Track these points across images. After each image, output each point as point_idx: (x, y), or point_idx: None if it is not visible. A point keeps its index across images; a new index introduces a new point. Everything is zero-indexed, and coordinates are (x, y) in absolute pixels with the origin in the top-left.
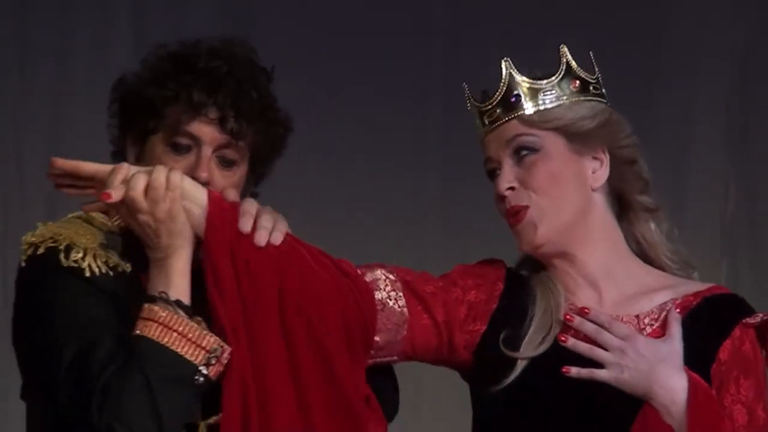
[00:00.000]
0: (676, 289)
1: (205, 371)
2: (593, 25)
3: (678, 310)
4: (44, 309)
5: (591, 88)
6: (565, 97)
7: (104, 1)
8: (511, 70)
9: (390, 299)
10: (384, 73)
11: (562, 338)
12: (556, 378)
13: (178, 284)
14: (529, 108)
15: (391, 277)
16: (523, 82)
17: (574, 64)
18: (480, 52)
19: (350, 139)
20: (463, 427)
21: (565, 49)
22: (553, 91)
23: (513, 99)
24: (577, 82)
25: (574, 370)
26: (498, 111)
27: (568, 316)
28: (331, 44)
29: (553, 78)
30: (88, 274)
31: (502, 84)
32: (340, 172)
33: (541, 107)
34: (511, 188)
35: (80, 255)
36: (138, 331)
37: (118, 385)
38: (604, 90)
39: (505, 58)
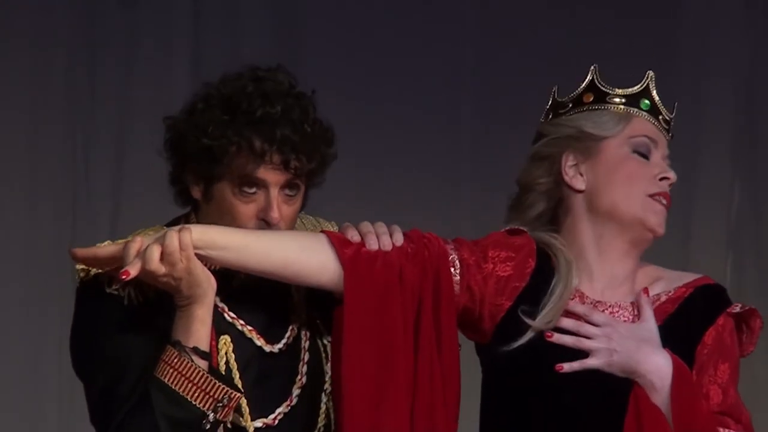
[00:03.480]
0: (667, 282)
1: (212, 417)
2: (607, 33)
3: (665, 299)
4: (85, 335)
5: None
6: None
7: (165, 25)
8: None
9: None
10: (417, 78)
11: (548, 335)
12: (554, 361)
13: (198, 331)
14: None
15: (455, 255)
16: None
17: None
18: (507, 58)
19: (384, 140)
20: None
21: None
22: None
23: (670, 124)
24: None
25: (566, 366)
26: (667, 126)
27: (570, 304)
28: (369, 48)
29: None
30: (126, 302)
31: (673, 112)
32: (374, 171)
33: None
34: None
35: (122, 283)
36: (157, 372)
37: (130, 425)
38: None
39: (676, 102)
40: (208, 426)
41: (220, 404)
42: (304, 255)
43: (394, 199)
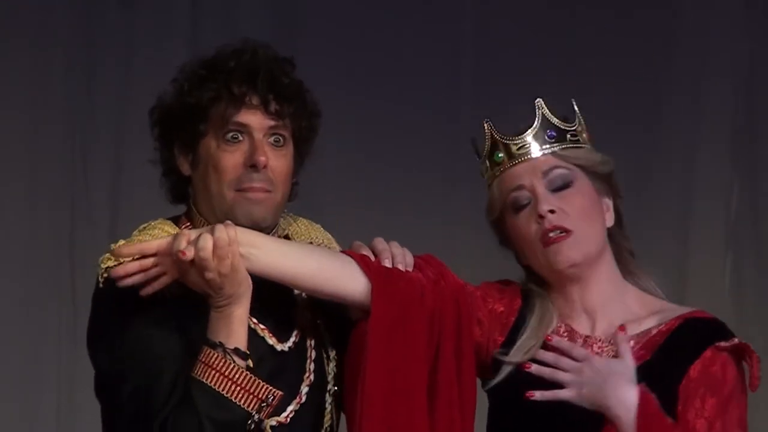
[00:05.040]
0: (663, 315)
1: (257, 417)
2: (607, 33)
3: (656, 332)
4: (112, 335)
5: (591, 142)
6: (583, 143)
7: (165, 26)
8: (544, 110)
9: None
10: (416, 78)
11: (527, 366)
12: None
13: (238, 331)
14: (561, 145)
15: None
16: (556, 122)
17: (581, 118)
18: (507, 58)
19: (383, 141)
20: None
21: (573, 104)
22: (576, 137)
23: (549, 134)
24: (588, 135)
25: (537, 394)
26: (530, 145)
27: (548, 337)
28: (366, 47)
29: (575, 125)
30: (157, 295)
31: (537, 120)
32: (372, 173)
33: (570, 146)
34: (552, 211)
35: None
36: (197, 374)
37: (175, 427)
38: None
39: (538, 99)
40: (252, 426)
41: (264, 404)
42: (336, 263)
43: (392, 198)
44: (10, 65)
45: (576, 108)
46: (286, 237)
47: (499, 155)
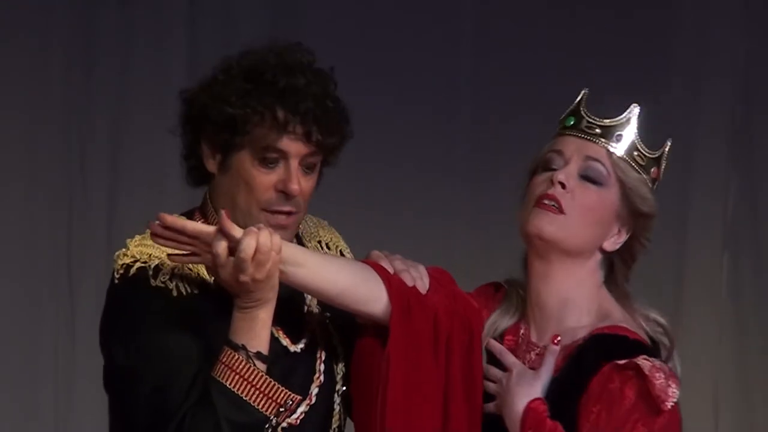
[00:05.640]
0: (593, 326)
1: (275, 421)
2: (607, 33)
3: (575, 345)
4: (127, 332)
5: (655, 187)
6: (645, 174)
7: (163, 26)
8: (632, 116)
9: None
10: (416, 78)
11: None
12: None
13: (261, 335)
14: (621, 151)
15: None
16: (633, 133)
17: (665, 160)
18: (507, 57)
19: (383, 141)
20: None
21: (668, 144)
22: (643, 163)
23: (618, 134)
24: (657, 173)
25: None
26: (597, 130)
27: (490, 342)
28: (367, 47)
29: (652, 154)
30: (175, 294)
31: (620, 119)
32: (372, 173)
33: (629, 161)
34: (563, 185)
35: (168, 276)
36: (217, 375)
37: (192, 427)
38: None
39: (635, 104)
40: (270, 430)
41: (283, 408)
42: (364, 283)
43: (392, 198)
44: (10, 65)
45: (667, 148)
46: (296, 236)
47: (571, 121)
